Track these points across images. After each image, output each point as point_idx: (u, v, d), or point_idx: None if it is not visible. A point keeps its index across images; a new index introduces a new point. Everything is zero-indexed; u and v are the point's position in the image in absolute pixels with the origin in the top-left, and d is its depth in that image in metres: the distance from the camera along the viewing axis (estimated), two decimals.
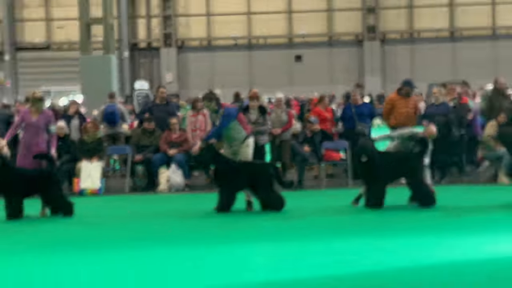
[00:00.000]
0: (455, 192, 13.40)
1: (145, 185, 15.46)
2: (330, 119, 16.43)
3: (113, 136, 17.54)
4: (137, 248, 9.12)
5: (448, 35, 39.48)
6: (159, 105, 17.22)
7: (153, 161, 15.22)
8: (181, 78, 40.37)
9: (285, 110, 16.16)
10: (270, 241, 9.36)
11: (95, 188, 14.84)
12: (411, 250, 8.38)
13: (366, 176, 11.77)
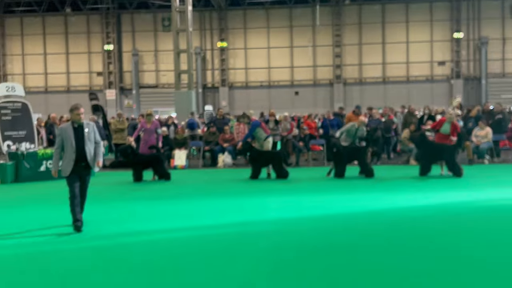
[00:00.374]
0: (385, 170, 15.03)
1: (210, 163, 17.60)
2: (315, 127, 18.63)
3: (192, 136, 19.61)
4: (206, 198, 11.13)
5: (382, 81, 44.08)
6: (218, 119, 19.81)
7: (215, 150, 17.41)
8: (231, 104, 43.99)
9: (289, 122, 18.20)
10: (279, 195, 11.22)
11: (183, 165, 16.97)
12: (355, 201, 10.12)
13: (335, 159, 13.86)
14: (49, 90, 46.23)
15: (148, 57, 45.92)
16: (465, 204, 9.70)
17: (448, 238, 7.16)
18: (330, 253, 6.57)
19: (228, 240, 7.41)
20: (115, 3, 45.25)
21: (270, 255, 6.58)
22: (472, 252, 6.43)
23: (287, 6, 44.54)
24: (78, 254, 6.90)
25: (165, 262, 6.35)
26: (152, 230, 8.11)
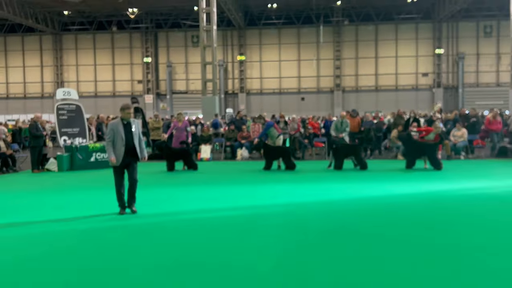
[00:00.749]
0: (376, 163, 14.87)
1: (230, 157, 17.40)
2: (317, 127, 18.50)
3: (216, 134, 19.61)
4: (226, 185, 11.17)
5: (374, 89, 43.77)
6: (238, 119, 19.86)
7: (234, 145, 17.35)
8: (248, 107, 43.99)
9: (296, 122, 17.84)
10: (288, 183, 11.19)
11: (208, 157, 16.87)
12: (351, 189, 10.17)
13: (334, 155, 13.72)
14: (98, 95, 46.60)
15: (179, 68, 46.10)
16: (443, 192, 9.64)
17: (427, 217, 7.36)
18: (330, 231, 6.63)
19: (244, 219, 7.50)
20: (153, 23, 45.54)
21: (280, 231, 6.64)
22: (446, 228, 6.56)
23: (296, 26, 44.48)
24: (129, 229, 6.99)
25: (194, 237, 6.41)
26: (183, 211, 8.17)
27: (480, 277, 4.68)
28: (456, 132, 16.15)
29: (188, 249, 5.84)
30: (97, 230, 6.95)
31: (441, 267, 4.96)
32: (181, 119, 15.20)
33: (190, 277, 4.81)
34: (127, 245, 6.08)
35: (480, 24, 43.01)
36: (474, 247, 5.68)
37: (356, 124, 16.94)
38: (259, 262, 5.28)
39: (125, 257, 5.55)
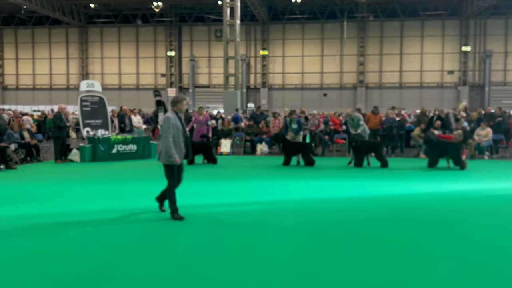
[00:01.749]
0: (398, 161, 14.60)
1: (250, 151, 17.34)
2: (339, 123, 18.12)
3: (236, 128, 19.60)
4: (245, 180, 11.15)
5: (398, 86, 43.08)
6: (258, 114, 19.62)
7: (254, 140, 17.33)
8: (269, 102, 44.05)
9: (316, 118, 18.01)
10: (306, 179, 11.14)
11: (227, 152, 16.87)
12: (370, 187, 10.03)
13: (355, 152, 13.54)
14: (122, 87, 47.14)
15: (202, 62, 46.26)
16: (464, 192, 9.47)
17: (448, 216, 7.26)
18: (345, 226, 6.65)
19: (262, 213, 7.48)
20: (177, 17, 45.78)
21: (296, 226, 6.63)
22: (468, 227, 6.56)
23: (320, 21, 44.11)
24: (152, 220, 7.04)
25: (210, 230, 6.43)
26: (200, 205, 8.18)
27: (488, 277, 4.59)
28: (480, 131, 15.81)
29: (202, 242, 5.85)
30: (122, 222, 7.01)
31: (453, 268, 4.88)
32: (202, 113, 15.26)
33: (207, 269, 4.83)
34: (155, 234, 6.19)
35: (509, 22, 41.95)
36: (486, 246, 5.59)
37: (378, 121, 16.72)
38: (273, 258, 5.26)
39: (161, 242, 5.67)
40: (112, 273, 4.74)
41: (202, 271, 4.83)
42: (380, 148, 13.93)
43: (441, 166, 13.30)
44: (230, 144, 17.23)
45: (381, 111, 20.89)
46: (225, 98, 29.09)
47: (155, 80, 46.99)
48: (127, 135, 15.74)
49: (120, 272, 4.77)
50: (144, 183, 10.59)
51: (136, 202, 8.33)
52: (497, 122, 16.76)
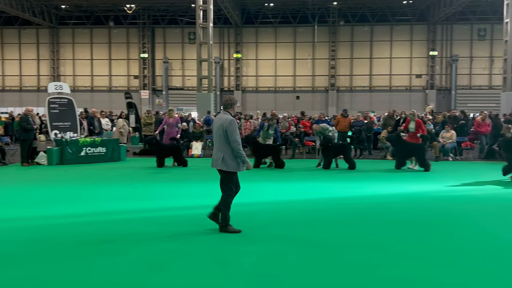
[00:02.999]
0: (366, 163, 14.83)
1: None
2: (309, 126, 17.62)
3: (208, 130, 19.17)
4: (214, 182, 10.45)
5: (369, 89, 43.62)
6: None
7: None
8: (243, 105, 43.60)
9: (287, 121, 18.03)
10: (276, 181, 11.17)
11: (199, 154, 16.72)
12: (340, 189, 10.14)
13: (324, 154, 13.65)
14: (94, 89, 46.32)
15: (176, 64, 45.81)
16: (430, 193, 9.60)
17: (411, 217, 7.32)
18: (311, 227, 6.63)
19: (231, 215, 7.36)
20: (150, 19, 45.32)
21: (263, 229, 6.55)
22: (430, 227, 6.49)
23: (292, 25, 44.37)
24: (112, 223, 6.87)
25: (174, 232, 6.33)
26: (169, 207, 8.08)
27: (447, 277, 4.64)
28: (445, 133, 16.11)
29: (163, 245, 5.74)
30: (82, 224, 6.85)
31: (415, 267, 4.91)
32: (172, 115, 15.07)
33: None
34: (106, 239, 6.01)
35: (474, 27, 43.05)
36: (447, 246, 5.66)
37: (347, 124, 16.88)
38: (235, 261, 5.21)
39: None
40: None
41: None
42: (349, 151, 14.08)
43: (407, 168, 13.50)
44: (202, 146, 17.11)
45: (352, 114, 21.08)
46: (198, 100, 28.94)
47: (128, 82, 46.38)
48: (96, 138, 15.46)
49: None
50: (112, 186, 10.41)
51: (102, 205, 8.17)
52: (460, 124, 17.09)
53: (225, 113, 6.38)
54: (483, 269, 4.95)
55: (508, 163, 11.36)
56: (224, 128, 6.16)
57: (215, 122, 6.47)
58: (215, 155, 6.32)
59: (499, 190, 10.09)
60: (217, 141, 6.34)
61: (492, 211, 7.97)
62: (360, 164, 14.08)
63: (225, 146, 6.20)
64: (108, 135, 16.91)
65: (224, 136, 6.18)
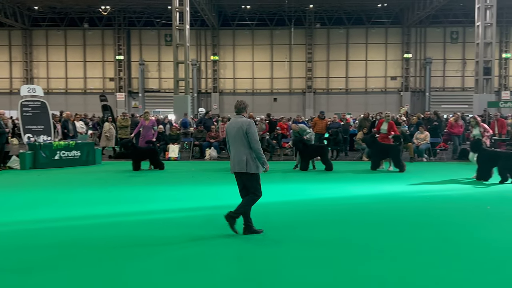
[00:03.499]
0: (342, 164, 15.08)
1: (199, 156, 17.16)
2: (286, 128, 18.22)
3: (185, 133, 19.53)
4: (192, 185, 11.02)
5: (345, 91, 44.08)
6: (207, 119, 19.45)
7: (203, 145, 17.12)
8: (220, 107, 43.97)
9: (264, 122, 18.17)
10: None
11: (175, 157, 16.58)
12: (316, 190, 10.19)
13: (301, 155, 13.72)
14: (68, 92, 45.61)
15: (152, 66, 45.46)
16: (404, 193, 9.73)
17: (386, 218, 7.35)
18: (286, 229, 6.60)
19: (205, 218, 7.36)
20: (126, 21, 44.88)
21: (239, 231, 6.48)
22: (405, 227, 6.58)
23: (269, 28, 44.52)
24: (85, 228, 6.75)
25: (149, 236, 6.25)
26: (147, 211, 7.98)
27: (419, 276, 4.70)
28: (419, 135, 16.37)
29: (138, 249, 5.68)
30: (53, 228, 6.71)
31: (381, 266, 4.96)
32: (148, 118, 14.97)
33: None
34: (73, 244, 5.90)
35: (447, 30, 43.98)
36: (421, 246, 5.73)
37: (324, 126, 17.02)
38: (208, 264, 5.18)
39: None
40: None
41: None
42: (326, 152, 14.16)
43: (382, 169, 13.69)
44: (178, 149, 16.96)
45: (329, 116, 21.29)
46: (175, 102, 28.75)
47: (103, 84, 45.78)
48: (70, 141, 15.19)
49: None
50: (86, 190, 10.23)
51: (76, 210, 8.03)
52: (433, 126, 17.38)
53: (240, 117, 6.43)
54: (458, 268, 5.02)
55: (479, 165, 11.61)
56: (244, 131, 6.19)
57: (230, 126, 6.43)
58: (238, 158, 6.26)
59: (472, 190, 10.29)
60: (236, 144, 6.31)
61: (467, 210, 8.11)
62: (336, 165, 14.22)
63: (246, 148, 6.21)
64: (83, 138, 16.62)
65: (245, 138, 6.20)
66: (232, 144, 6.38)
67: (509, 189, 10.37)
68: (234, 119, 6.50)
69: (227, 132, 6.55)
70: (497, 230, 6.68)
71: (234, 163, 6.31)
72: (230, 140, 6.42)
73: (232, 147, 6.40)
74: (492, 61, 27.31)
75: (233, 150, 6.37)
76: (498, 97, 36.03)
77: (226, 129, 6.55)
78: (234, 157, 6.33)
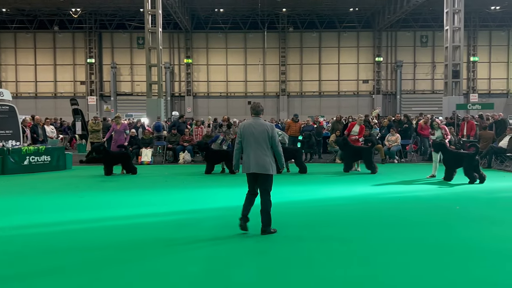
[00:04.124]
0: (316, 166, 15.16)
1: (172, 160, 16.98)
2: None
3: (158, 137, 19.21)
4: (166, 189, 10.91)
5: (318, 94, 44.38)
6: (181, 123, 19.24)
7: (176, 149, 16.95)
8: (194, 110, 43.55)
9: (238, 126, 18.90)
10: (227, 187, 11.25)
11: (148, 161, 16.43)
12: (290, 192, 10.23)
13: None
14: (38, 96, 44.63)
15: (124, 69, 44.88)
16: (376, 195, 9.88)
17: (361, 218, 7.42)
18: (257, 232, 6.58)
19: (177, 224, 7.30)
20: (97, 23, 44.23)
21: (211, 236, 6.48)
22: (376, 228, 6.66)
23: (242, 31, 44.59)
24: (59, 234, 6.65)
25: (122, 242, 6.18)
26: (112, 217, 7.88)
27: (388, 277, 4.77)
28: (390, 137, 16.66)
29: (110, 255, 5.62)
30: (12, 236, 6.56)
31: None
32: (120, 122, 14.81)
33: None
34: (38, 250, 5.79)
35: (417, 34, 44.88)
36: (390, 247, 5.84)
37: (298, 129, 17.13)
38: (181, 270, 5.16)
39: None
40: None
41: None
42: (300, 155, 14.26)
43: (354, 171, 13.89)
44: (151, 153, 16.79)
45: (303, 119, 21.40)
46: (148, 106, 28.52)
47: (74, 88, 44.98)
48: (40, 146, 14.87)
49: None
50: (57, 196, 10.03)
51: (46, 217, 7.88)
52: (404, 128, 17.70)
53: (259, 119, 6.63)
54: (429, 267, 5.12)
55: (445, 167, 11.91)
56: (270, 134, 6.43)
57: (250, 128, 6.51)
58: (261, 160, 6.37)
59: (441, 190, 10.51)
60: (257, 146, 6.41)
61: (437, 211, 8.28)
62: (310, 167, 14.34)
63: (269, 150, 6.43)
64: (53, 143, 16.31)
65: (269, 140, 6.42)
66: (251, 146, 6.45)
67: (477, 189, 10.65)
68: (254, 121, 6.59)
69: (244, 133, 6.55)
70: (466, 230, 6.86)
71: (252, 164, 6.40)
72: (249, 141, 6.47)
73: (250, 148, 6.46)
74: (460, 64, 28.02)
75: (251, 151, 6.44)
76: (466, 100, 37.07)
77: (243, 130, 6.56)
78: (252, 158, 6.41)
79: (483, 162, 14.97)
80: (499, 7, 39.25)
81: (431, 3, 36.45)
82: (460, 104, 26.07)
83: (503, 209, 8.53)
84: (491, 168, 14.59)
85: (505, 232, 6.72)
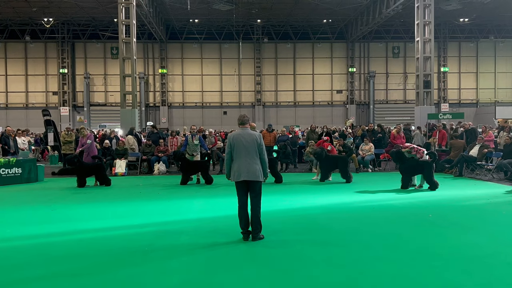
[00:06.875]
0: (292, 176, 15.20)
1: (147, 171, 16.85)
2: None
3: (133, 148, 18.20)
4: (140, 201, 10.86)
5: (293, 104, 44.97)
6: (155, 133, 19.06)
7: (151, 160, 16.86)
8: (169, 120, 43.46)
9: (213, 136, 17.80)
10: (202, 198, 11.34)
11: (123, 172, 16.23)
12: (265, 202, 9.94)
13: None
14: (9, 107, 43.72)
15: (98, 79, 44.48)
16: (351, 204, 9.98)
17: (335, 227, 7.41)
18: (233, 243, 6.52)
19: (152, 236, 7.19)
20: (70, 33, 43.71)
21: (187, 249, 6.39)
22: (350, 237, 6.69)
23: (217, 41, 44.73)
24: (20, 248, 6.45)
25: (94, 256, 6.05)
26: (83, 230, 7.72)
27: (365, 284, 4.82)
28: (364, 146, 16.86)
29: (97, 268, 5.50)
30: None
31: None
32: (84, 134, 14.46)
33: None
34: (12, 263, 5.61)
35: (389, 45, 45.83)
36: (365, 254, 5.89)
37: (273, 139, 17.17)
38: (157, 281, 5.08)
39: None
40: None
41: None
42: (275, 165, 14.26)
43: (330, 181, 13.94)
44: (126, 164, 16.57)
45: (278, 129, 21.53)
46: (122, 116, 28.09)
47: (46, 98, 44.22)
48: (11, 158, 14.49)
49: None
50: (27, 209, 9.78)
51: (16, 230, 7.66)
52: (377, 137, 17.94)
53: (246, 128, 6.94)
54: (401, 275, 5.18)
55: (402, 175, 12.14)
56: (259, 143, 6.79)
57: (239, 137, 6.81)
58: (251, 168, 6.65)
59: (414, 199, 10.67)
60: (247, 155, 6.70)
61: (410, 219, 8.38)
62: (286, 177, 14.40)
63: (257, 159, 6.75)
64: (25, 154, 15.94)
65: (258, 149, 6.77)
66: (241, 154, 6.74)
67: (448, 197, 10.83)
68: (242, 131, 6.90)
69: (234, 142, 6.84)
70: (439, 237, 6.96)
71: (243, 172, 6.65)
72: (239, 150, 6.76)
73: (240, 157, 6.73)
74: (431, 75, 28.61)
75: (242, 160, 6.70)
76: (437, 109, 37.88)
77: (233, 140, 6.84)
78: (243, 167, 6.67)
79: (454, 171, 15.27)
80: (468, 19, 40.44)
81: (402, 15, 37.32)
82: (431, 113, 26.58)
83: (474, 216, 8.68)
84: (462, 176, 14.87)
85: (476, 238, 6.84)
